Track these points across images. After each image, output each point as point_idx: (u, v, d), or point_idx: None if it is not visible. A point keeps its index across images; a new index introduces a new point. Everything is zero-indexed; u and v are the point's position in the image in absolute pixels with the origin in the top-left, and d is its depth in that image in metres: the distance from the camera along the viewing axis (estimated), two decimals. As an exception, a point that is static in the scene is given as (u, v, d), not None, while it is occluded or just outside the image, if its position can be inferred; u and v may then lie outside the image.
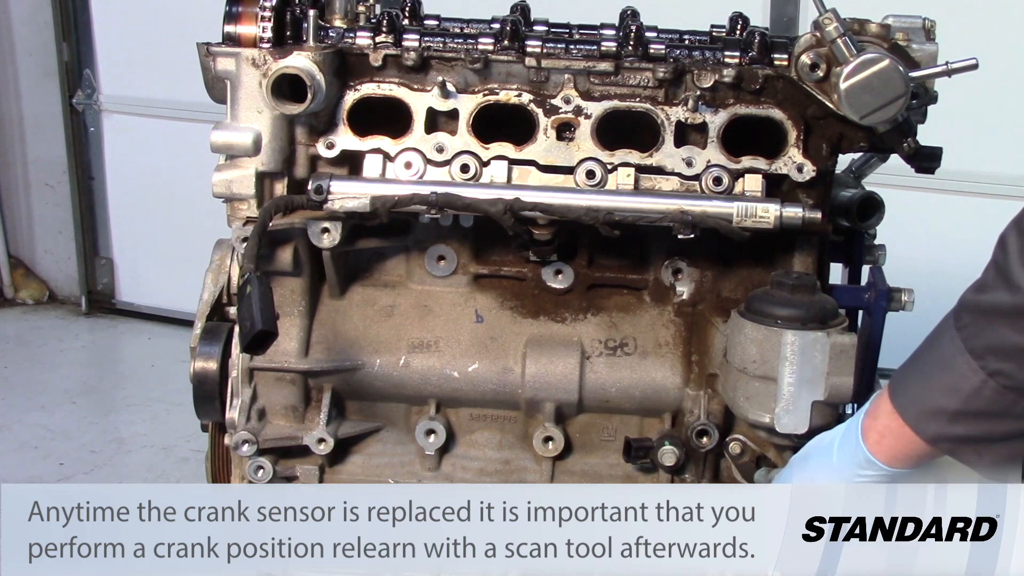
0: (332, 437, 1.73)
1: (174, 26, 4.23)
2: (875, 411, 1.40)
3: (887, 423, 1.38)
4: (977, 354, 1.27)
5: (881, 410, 1.39)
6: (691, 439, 1.70)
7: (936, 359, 1.33)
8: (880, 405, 1.39)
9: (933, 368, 1.33)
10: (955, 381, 1.29)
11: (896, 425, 1.36)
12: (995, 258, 1.28)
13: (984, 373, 1.27)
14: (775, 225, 1.62)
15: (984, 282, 1.29)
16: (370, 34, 1.69)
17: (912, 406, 1.35)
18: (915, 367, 1.36)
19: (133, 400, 4.25)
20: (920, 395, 1.34)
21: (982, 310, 1.27)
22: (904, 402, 1.35)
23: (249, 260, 1.57)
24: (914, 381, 1.35)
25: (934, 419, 1.33)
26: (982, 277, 1.31)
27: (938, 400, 1.31)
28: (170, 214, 4.73)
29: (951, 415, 1.31)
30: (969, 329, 1.28)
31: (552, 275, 1.76)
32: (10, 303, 5.18)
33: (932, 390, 1.32)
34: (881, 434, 1.39)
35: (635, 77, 1.66)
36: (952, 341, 1.30)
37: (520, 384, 1.73)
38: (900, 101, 1.55)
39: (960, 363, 1.29)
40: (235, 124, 1.66)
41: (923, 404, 1.33)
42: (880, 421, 1.39)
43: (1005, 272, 1.25)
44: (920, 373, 1.34)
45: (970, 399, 1.29)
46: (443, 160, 1.66)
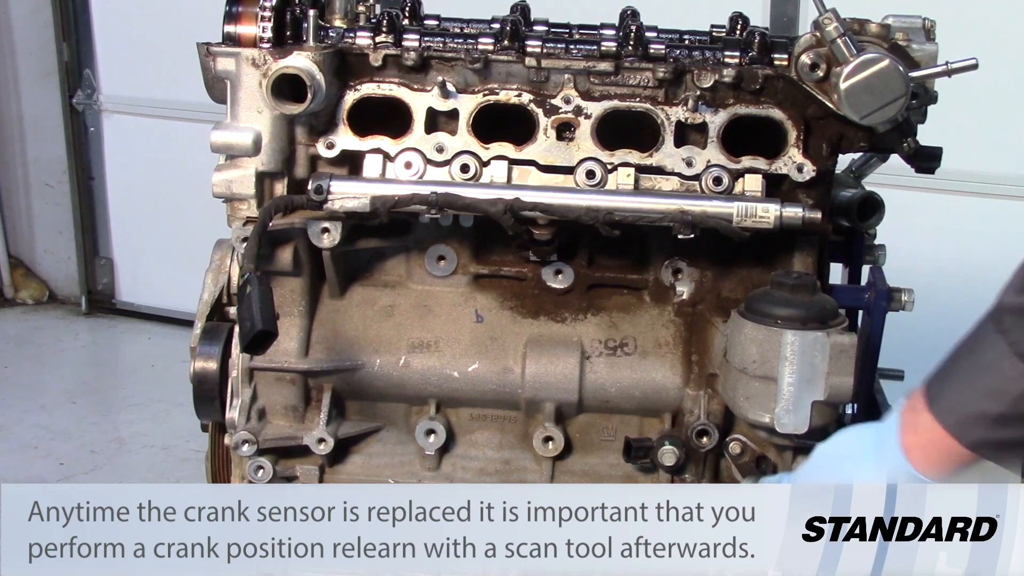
0: (332, 437, 1.73)
1: (174, 26, 4.22)
2: (913, 422, 1.38)
3: (928, 434, 1.35)
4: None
5: (920, 420, 1.36)
6: (691, 439, 1.70)
7: (978, 364, 1.31)
8: (918, 414, 1.37)
9: (975, 373, 1.31)
10: (1001, 384, 1.28)
11: (937, 434, 1.34)
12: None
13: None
14: (775, 225, 1.62)
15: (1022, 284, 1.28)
16: (370, 34, 1.69)
17: (952, 412, 1.33)
18: (954, 373, 1.34)
19: (133, 400, 4.25)
20: (961, 401, 1.32)
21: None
22: (943, 409, 1.33)
23: (249, 260, 1.57)
24: (954, 387, 1.33)
25: (976, 425, 1.31)
26: (1018, 278, 1.29)
27: (981, 405, 1.30)
28: (170, 214, 4.73)
29: (995, 419, 1.29)
30: (1015, 332, 1.27)
31: (552, 275, 1.76)
32: (10, 303, 5.18)
33: (974, 395, 1.30)
34: (924, 448, 1.36)
35: (635, 77, 1.66)
36: (994, 345, 1.28)
37: (520, 384, 1.73)
38: (900, 101, 1.55)
39: (1006, 367, 1.27)
40: (235, 124, 1.66)
41: (965, 410, 1.31)
42: (920, 433, 1.36)
43: None
44: (961, 379, 1.33)
45: (1017, 402, 1.27)
46: (443, 160, 1.66)
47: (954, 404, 1.33)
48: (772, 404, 1.60)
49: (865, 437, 1.46)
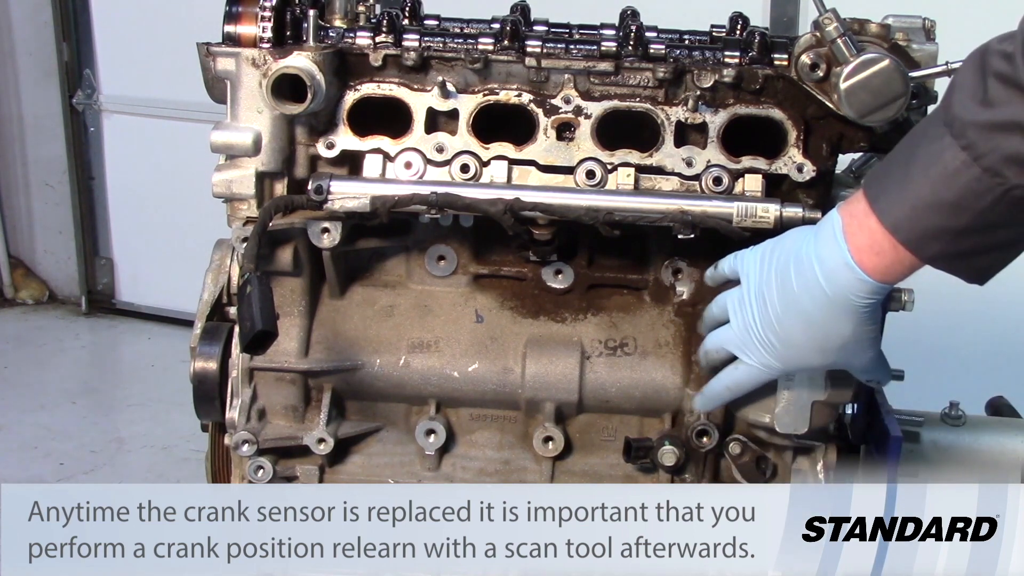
0: (332, 437, 1.73)
1: (174, 26, 4.23)
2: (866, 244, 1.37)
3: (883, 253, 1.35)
4: (994, 171, 1.25)
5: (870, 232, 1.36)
6: (691, 439, 1.70)
7: (936, 179, 1.29)
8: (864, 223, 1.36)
9: (935, 188, 1.29)
10: (965, 200, 1.27)
11: (893, 251, 1.34)
12: (995, 70, 1.25)
13: (1002, 189, 1.25)
14: (775, 225, 1.62)
15: (985, 96, 1.26)
16: (370, 34, 1.69)
17: (910, 228, 1.32)
18: (907, 188, 1.32)
19: (133, 400, 4.25)
20: (920, 218, 1.31)
21: (996, 127, 1.24)
22: (899, 223, 1.33)
23: (249, 260, 1.57)
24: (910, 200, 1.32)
25: (938, 240, 1.31)
26: (973, 89, 1.28)
27: (943, 220, 1.29)
28: (170, 214, 4.73)
29: (956, 233, 1.29)
30: (981, 147, 1.26)
31: (552, 275, 1.76)
32: (10, 303, 5.18)
33: (935, 211, 1.29)
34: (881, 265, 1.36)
35: (635, 77, 1.66)
36: (957, 158, 1.27)
37: (520, 384, 1.73)
38: (900, 101, 1.55)
39: (972, 181, 1.26)
40: (235, 124, 1.66)
41: (924, 226, 1.31)
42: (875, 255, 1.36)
43: (1019, 85, 1.23)
44: (916, 196, 1.31)
45: (982, 215, 1.27)
46: (443, 160, 1.66)
47: (914, 221, 1.32)
48: (772, 404, 1.60)
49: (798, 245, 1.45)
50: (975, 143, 1.27)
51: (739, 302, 1.53)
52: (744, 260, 1.55)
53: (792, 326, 1.47)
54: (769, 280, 1.49)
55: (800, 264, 1.45)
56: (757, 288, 1.50)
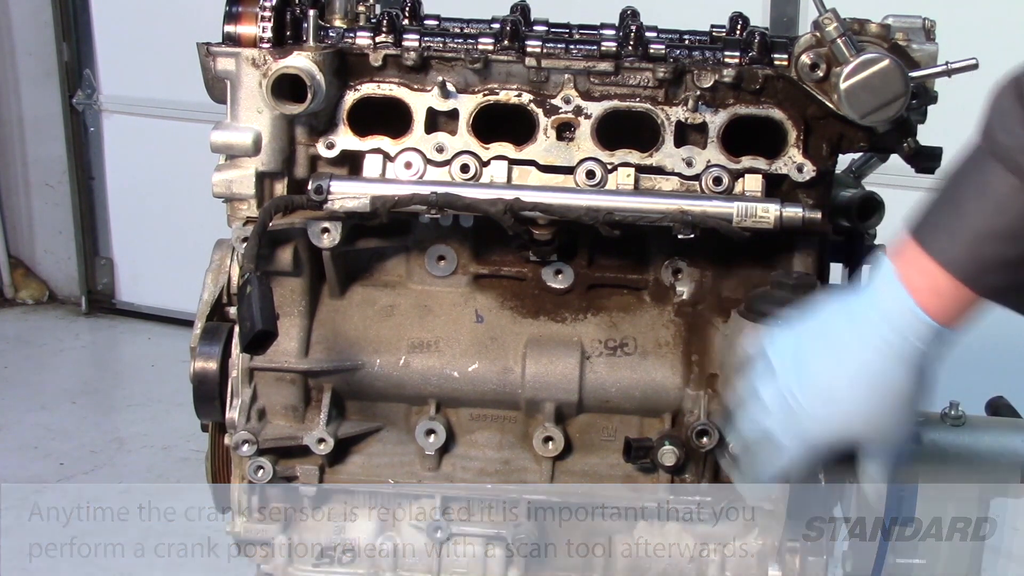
0: (332, 437, 1.72)
1: (174, 26, 4.23)
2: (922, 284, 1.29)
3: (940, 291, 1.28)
4: None
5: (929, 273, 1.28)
6: (691, 439, 1.70)
7: (987, 208, 1.25)
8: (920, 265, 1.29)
9: (986, 218, 1.25)
10: (1020, 225, 1.23)
11: (948, 285, 1.27)
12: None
13: None
14: (775, 225, 1.62)
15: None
16: (370, 34, 1.69)
17: (967, 261, 1.26)
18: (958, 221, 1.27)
19: (133, 400, 4.26)
20: (975, 250, 1.26)
21: None
22: (955, 259, 1.27)
23: (249, 260, 1.57)
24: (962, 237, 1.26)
25: (995, 271, 1.26)
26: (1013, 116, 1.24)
27: (999, 249, 1.24)
28: (170, 214, 4.74)
29: (1017, 262, 1.25)
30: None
31: (552, 275, 1.76)
32: (10, 303, 5.19)
33: (989, 241, 1.25)
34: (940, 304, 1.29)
35: (635, 77, 1.66)
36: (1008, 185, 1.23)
37: (520, 384, 1.73)
38: (900, 101, 1.55)
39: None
40: (235, 124, 1.66)
41: (980, 258, 1.25)
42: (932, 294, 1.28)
43: None
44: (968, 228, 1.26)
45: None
46: (443, 160, 1.66)
47: (969, 253, 1.26)
48: (772, 404, 1.59)
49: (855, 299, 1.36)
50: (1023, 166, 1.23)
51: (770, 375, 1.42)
52: (771, 336, 1.45)
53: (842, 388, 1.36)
54: (809, 345, 1.39)
55: (854, 319, 1.36)
56: (794, 357, 1.39)
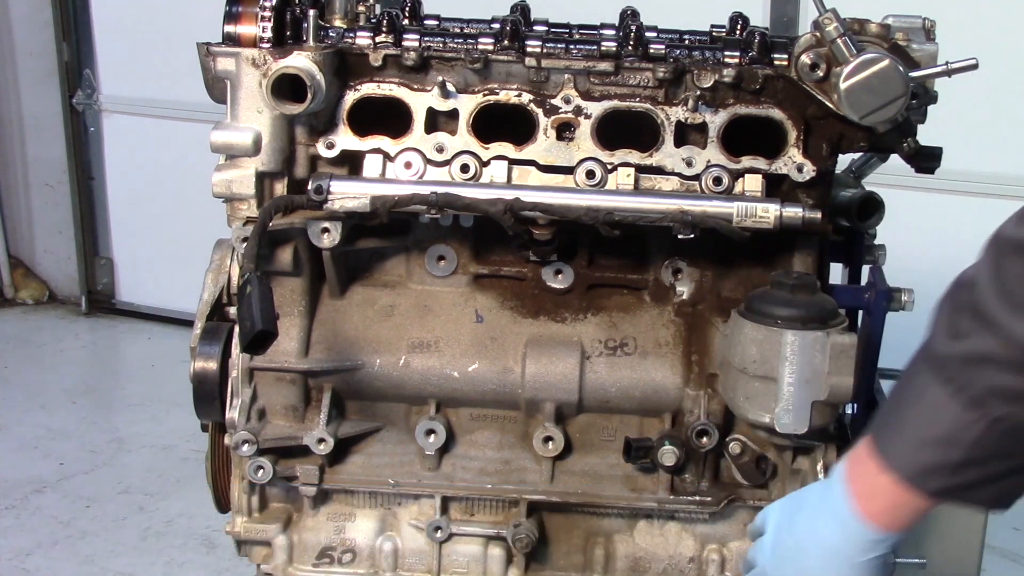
0: (332, 437, 1.72)
1: (174, 26, 4.23)
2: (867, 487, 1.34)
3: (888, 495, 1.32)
4: (975, 404, 1.23)
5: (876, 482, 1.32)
6: (691, 439, 1.70)
7: (924, 416, 1.27)
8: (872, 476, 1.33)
9: (924, 425, 1.27)
10: (954, 433, 1.25)
11: (896, 491, 1.31)
12: (964, 303, 1.23)
13: (986, 421, 1.23)
14: (775, 225, 1.62)
15: (957, 330, 1.24)
16: (370, 34, 1.69)
17: (909, 465, 1.29)
18: (903, 425, 1.31)
19: (133, 400, 4.25)
20: (917, 454, 1.28)
21: (971, 360, 1.23)
22: (900, 464, 1.30)
23: (249, 260, 1.57)
24: (906, 440, 1.30)
25: (937, 475, 1.28)
26: (947, 324, 1.26)
27: (937, 455, 1.27)
28: (170, 214, 4.74)
29: (954, 467, 1.26)
30: (958, 381, 1.24)
31: (552, 275, 1.76)
32: (10, 303, 5.19)
33: (928, 447, 1.27)
34: (885, 510, 1.33)
35: (635, 77, 1.66)
36: (939, 395, 1.25)
37: (520, 384, 1.73)
38: (900, 101, 1.55)
39: (956, 415, 1.24)
40: (235, 124, 1.66)
41: (921, 463, 1.28)
42: (878, 497, 1.33)
43: (988, 316, 1.20)
44: (912, 432, 1.29)
45: (974, 448, 1.24)
46: (443, 160, 1.66)
47: (911, 458, 1.29)
48: (772, 404, 1.60)
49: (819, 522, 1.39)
50: (954, 377, 1.24)
51: (760, 552, 1.48)
52: (767, 511, 1.50)
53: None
54: (781, 530, 1.44)
55: (809, 512, 1.40)
56: (773, 539, 1.45)
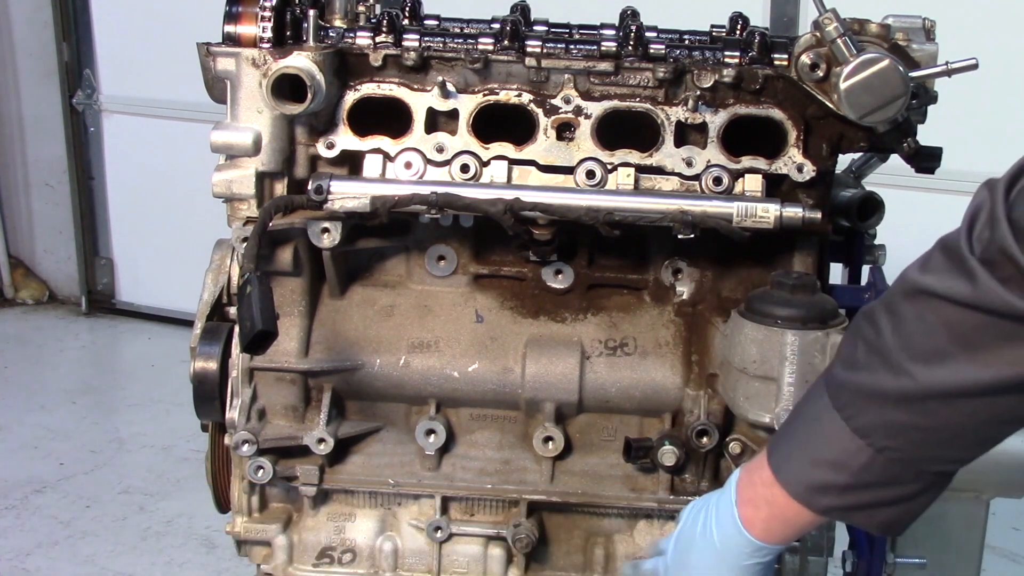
0: (332, 437, 1.72)
1: (174, 26, 4.23)
2: (755, 496, 1.38)
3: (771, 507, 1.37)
4: (863, 432, 1.27)
5: (766, 494, 1.37)
6: (691, 439, 1.70)
7: (817, 436, 1.31)
8: (764, 488, 1.37)
9: (816, 446, 1.31)
10: (842, 458, 1.29)
11: (785, 504, 1.35)
12: (864, 336, 1.27)
13: (872, 450, 1.27)
14: (775, 225, 1.62)
15: (855, 360, 1.28)
16: (370, 34, 1.69)
17: (800, 484, 1.33)
18: (796, 446, 1.34)
19: (133, 400, 4.25)
20: (807, 473, 1.32)
21: (862, 391, 1.26)
22: (791, 481, 1.34)
23: (249, 260, 1.57)
24: (798, 460, 1.34)
25: (825, 494, 1.32)
26: (847, 352, 1.30)
27: (826, 476, 1.31)
28: (170, 214, 4.74)
29: (841, 488, 1.30)
30: (850, 409, 1.28)
31: (552, 275, 1.76)
32: (10, 303, 5.19)
33: (818, 467, 1.31)
34: (766, 521, 1.38)
35: (635, 77, 1.66)
36: (833, 420, 1.29)
37: (520, 384, 1.73)
38: (900, 101, 1.55)
39: (846, 441, 1.28)
40: (235, 124, 1.66)
41: (812, 481, 1.32)
42: (765, 507, 1.37)
43: (882, 353, 1.24)
44: (803, 453, 1.33)
45: (860, 473, 1.28)
46: (443, 160, 1.66)
47: (801, 476, 1.33)
48: (772, 404, 1.60)
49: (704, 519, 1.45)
50: (846, 405, 1.28)
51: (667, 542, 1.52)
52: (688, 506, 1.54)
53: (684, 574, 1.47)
54: (685, 525, 1.49)
55: (707, 512, 1.45)
56: (678, 532, 1.50)
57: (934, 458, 1.27)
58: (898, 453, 1.26)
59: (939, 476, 1.30)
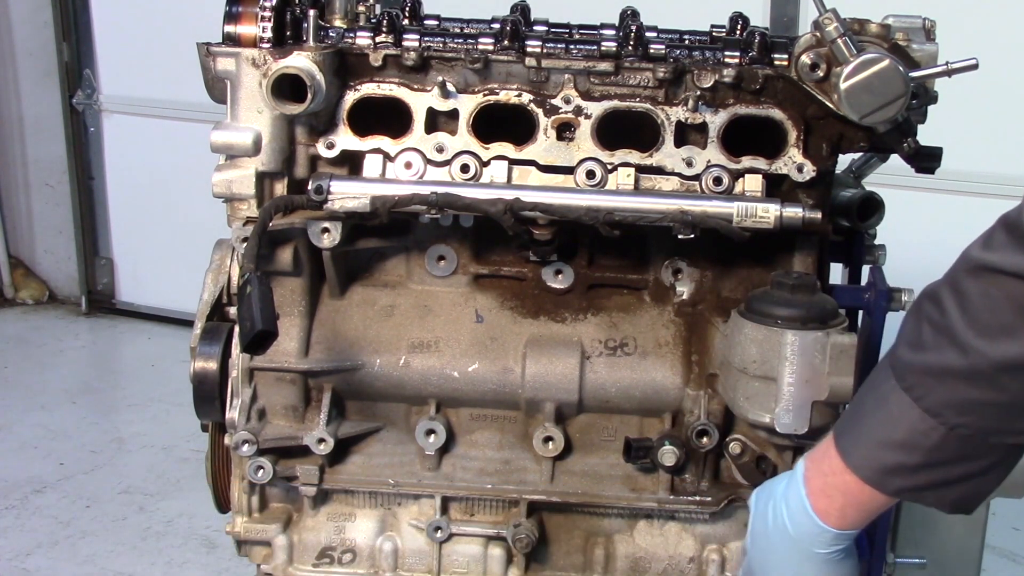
0: (332, 437, 1.72)
1: (174, 26, 4.23)
2: (825, 485, 1.39)
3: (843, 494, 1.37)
4: (934, 412, 1.28)
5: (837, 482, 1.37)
6: (691, 439, 1.70)
7: (886, 419, 1.32)
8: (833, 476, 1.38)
9: (886, 428, 1.32)
10: (914, 438, 1.30)
11: (856, 489, 1.36)
12: (928, 316, 1.28)
13: (945, 428, 1.28)
14: (775, 225, 1.62)
15: (920, 341, 1.29)
16: (370, 34, 1.69)
17: (871, 467, 1.34)
18: (865, 429, 1.35)
19: (133, 400, 4.25)
20: (878, 456, 1.33)
21: (931, 371, 1.28)
22: (862, 465, 1.35)
23: (249, 260, 1.57)
24: (868, 443, 1.35)
25: (897, 475, 1.33)
26: (912, 334, 1.31)
27: (898, 457, 1.32)
28: (170, 214, 4.74)
29: (913, 469, 1.32)
30: (919, 389, 1.29)
31: (552, 275, 1.76)
32: (10, 303, 5.19)
33: (889, 449, 1.32)
34: (842, 509, 1.38)
35: (635, 77, 1.66)
36: (901, 401, 1.30)
37: (520, 384, 1.73)
38: (900, 101, 1.55)
39: (916, 421, 1.29)
40: (235, 124, 1.66)
41: (883, 464, 1.33)
42: (836, 498, 1.38)
43: (949, 332, 1.26)
44: (874, 435, 1.34)
45: (932, 452, 1.30)
46: (443, 160, 1.66)
47: (871, 459, 1.34)
48: (772, 404, 1.60)
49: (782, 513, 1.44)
50: (914, 386, 1.30)
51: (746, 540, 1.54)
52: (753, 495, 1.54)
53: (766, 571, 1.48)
54: (756, 517, 1.50)
55: (775, 502, 1.46)
56: (751, 525, 1.51)
57: (1007, 431, 1.28)
58: (971, 429, 1.27)
59: (1012, 448, 1.30)
